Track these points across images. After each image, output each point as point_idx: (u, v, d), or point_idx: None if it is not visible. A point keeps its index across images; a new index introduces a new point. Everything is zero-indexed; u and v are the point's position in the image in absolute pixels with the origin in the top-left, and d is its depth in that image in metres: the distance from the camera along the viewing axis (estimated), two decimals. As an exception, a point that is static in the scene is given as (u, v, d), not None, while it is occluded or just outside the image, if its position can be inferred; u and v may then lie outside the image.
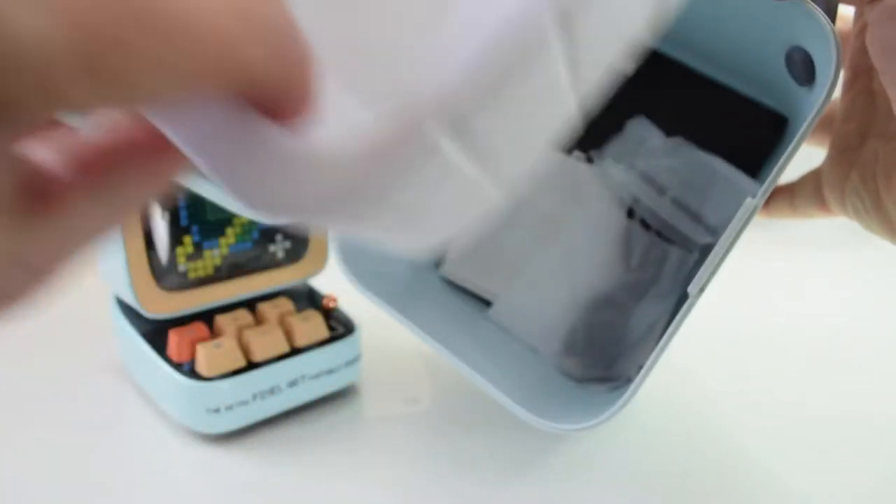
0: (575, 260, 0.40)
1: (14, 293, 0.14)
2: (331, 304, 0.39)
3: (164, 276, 0.35)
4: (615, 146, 0.41)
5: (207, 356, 0.34)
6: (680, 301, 0.37)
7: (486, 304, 0.41)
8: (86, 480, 0.32)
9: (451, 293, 0.41)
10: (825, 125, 0.33)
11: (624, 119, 0.41)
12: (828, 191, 0.33)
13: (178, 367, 0.34)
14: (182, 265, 0.36)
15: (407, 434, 0.36)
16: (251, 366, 0.35)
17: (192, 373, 0.34)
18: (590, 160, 0.41)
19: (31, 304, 0.15)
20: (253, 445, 0.35)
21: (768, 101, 0.38)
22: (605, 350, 0.39)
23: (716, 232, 0.38)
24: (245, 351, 0.35)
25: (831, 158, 0.32)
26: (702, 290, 0.29)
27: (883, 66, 0.26)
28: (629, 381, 0.37)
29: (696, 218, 0.38)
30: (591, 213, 0.40)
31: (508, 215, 0.41)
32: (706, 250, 0.38)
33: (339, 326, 0.38)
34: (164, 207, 0.35)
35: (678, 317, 0.29)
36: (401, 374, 0.42)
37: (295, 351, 0.36)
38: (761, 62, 0.34)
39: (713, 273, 0.28)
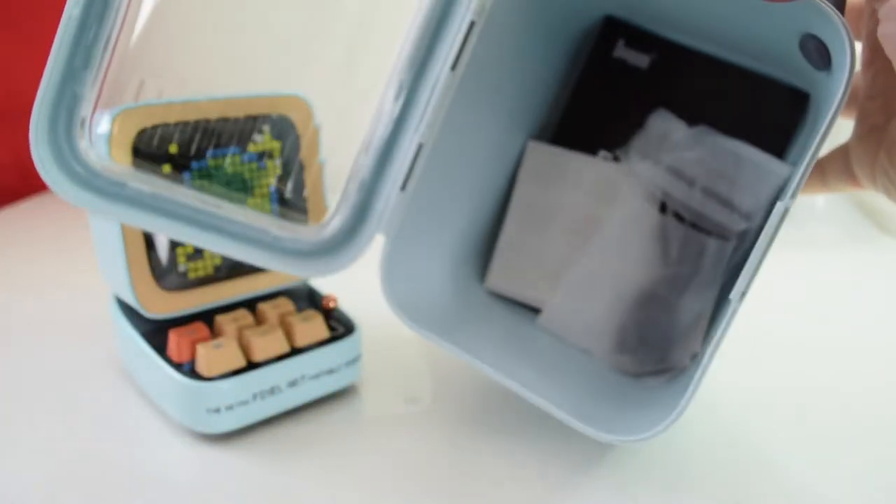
0: (614, 259, 0.40)
1: None
2: (331, 304, 0.39)
3: (164, 276, 0.35)
4: (639, 142, 0.41)
5: (207, 356, 0.34)
6: (724, 290, 0.38)
7: (534, 311, 0.42)
8: (85, 480, 0.32)
9: (498, 305, 0.42)
10: (850, 99, 0.33)
11: (645, 113, 0.41)
12: (857, 168, 0.33)
13: (178, 367, 0.34)
14: (182, 265, 0.36)
15: (407, 434, 0.37)
16: (251, 366, 0.35)
17: (192, 373, 0.34)
18: (616, 158, 0.41)
19: None
20: (253, 445, 0.35)
21: (787, 77, 0.38)
22: (656, 344, 0.39)
23: (750, 217, 0.38)
24: (245, 351, 0.35)
25: (858, 137, 0.32)
26: (743, 294, 0.29)
27: None
28: (683, 369, 0.38)
29: (729, 206, 0.38)
30: (623, 211, 0.40)
31: (542, 222, 0.42)
32: (743, 237, 0.38)
33: (339, 326, 0.38)
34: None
35: (724, 323, 0.29)
36: (401, 374, 0.42)
37: (295, 351, 0.36)
38: (776, 45, 0.35)
39: (753, 277, 0.29)
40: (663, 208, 0.40)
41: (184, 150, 0.35)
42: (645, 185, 0.40)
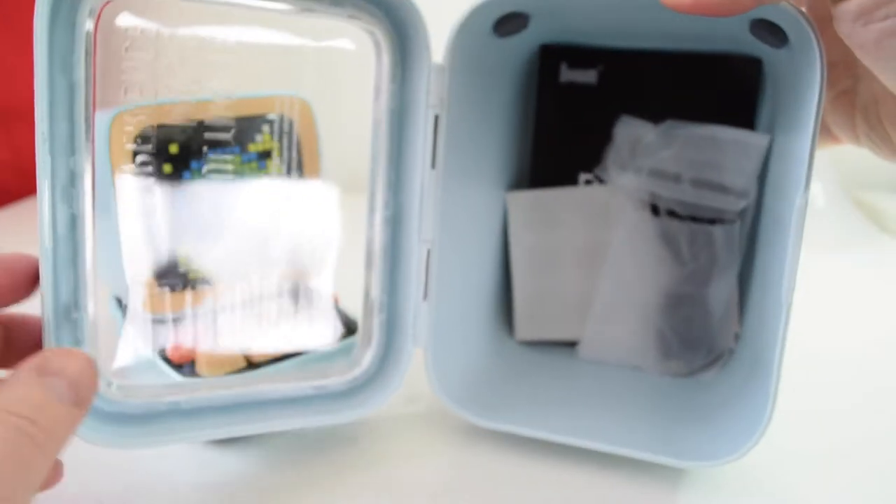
0: (631, 274, 0.41)
1: None
2: (331, 305, 0.39)
3: (165, 276, 0.35)
4: (613, 155, 0.41)
5: (207, 357, 0.34)
6: (742, 271, 0.39)
7: (569, 344, 0.42)
8: (85, 480, 0.32)
9: (534, 352, 0.42)
10: None
11: (610, 126, 0.41)
12: (837, 130, 0.33)
13: (178, 368, 0.34)
14: (182, 266, 0.36)
15: (407, 434, 0.36)
16: (251, 366, 0.35)
17: (192, 373, 0.34)
18: (598, 178, 0.41)
19: None
20: (253, 445, 0.35)
21: (735, 48, 0.38)
22: (698, 341, 0.40)
23: (746, 194, 0.38)
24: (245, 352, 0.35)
25: (829, 100, 0.32)
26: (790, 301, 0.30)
27: (869, 62, 0.26)
28: (731, 351, 0.39)
29: (722, 190, 0.39)
30: (623, 227, 0.41)
31: (549, 263, 0.42)
32: (744, 215, 0.38)
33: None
34: (165, 207, 0.35)
35: (781, 329, 0.30)
36: (401, 375, 0.42)
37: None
38: (719, 29, 0.35)
39: (794, 279, 0.29)
40: (655, 211, 0.40)
41: (184, 150, 0.35)
42: (633, 194, 0.40)
